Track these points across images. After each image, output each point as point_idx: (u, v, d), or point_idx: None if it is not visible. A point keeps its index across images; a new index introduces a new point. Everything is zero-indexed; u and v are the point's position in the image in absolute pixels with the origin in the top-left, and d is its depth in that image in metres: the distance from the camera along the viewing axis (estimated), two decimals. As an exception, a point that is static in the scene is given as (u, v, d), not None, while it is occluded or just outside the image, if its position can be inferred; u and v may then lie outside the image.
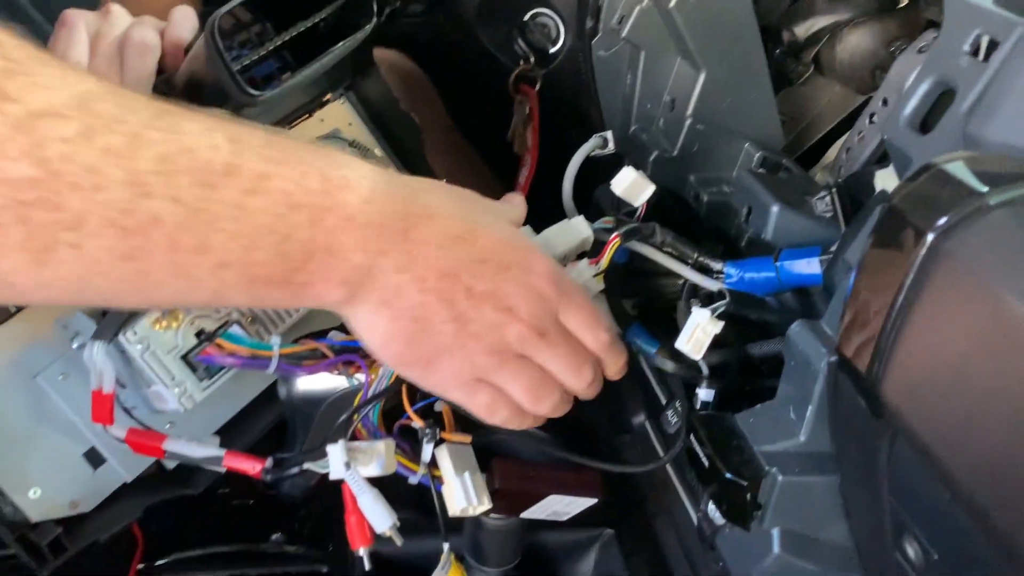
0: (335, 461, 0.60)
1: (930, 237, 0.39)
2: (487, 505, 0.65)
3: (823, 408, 0.54)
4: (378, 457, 0.60)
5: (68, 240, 0.39)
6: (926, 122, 0.50)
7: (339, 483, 0.62)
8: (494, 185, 1.16)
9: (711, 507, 0.62)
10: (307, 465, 0.62)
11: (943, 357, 0.38)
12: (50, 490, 0.64)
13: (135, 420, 0.66)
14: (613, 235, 0.65)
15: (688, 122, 0.78)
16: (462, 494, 0.63)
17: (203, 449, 0.64)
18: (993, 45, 0.44)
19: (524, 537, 0.78)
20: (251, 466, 0.63)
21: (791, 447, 0.59)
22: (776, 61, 0.85)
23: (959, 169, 0.40)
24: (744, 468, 0.58)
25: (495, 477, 0.67)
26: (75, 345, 0.66)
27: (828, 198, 0.61)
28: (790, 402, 0.60)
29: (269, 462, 0.63)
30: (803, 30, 0.84)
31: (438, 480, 0.65)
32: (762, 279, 0.64)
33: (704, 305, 0.63)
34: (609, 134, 0.74)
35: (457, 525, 0.77)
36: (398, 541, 0.62)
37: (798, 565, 0.60)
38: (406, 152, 0.70)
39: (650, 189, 0.68)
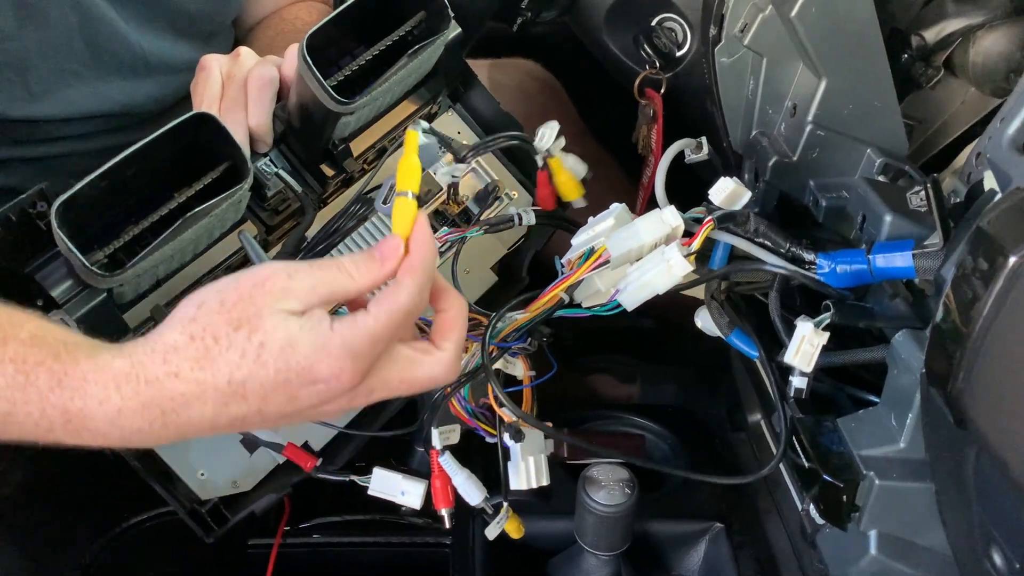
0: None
1: (1012, 260, 0.40)
2: (546, 483, 0.72)
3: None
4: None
5: None
6: (1030, 141, 0.50)
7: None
8: (627, 186, 1.19)
9: (811, 507, 0.64)
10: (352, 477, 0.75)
11: (1021, 378, 0.40)
12: (214, 472, 0.73)
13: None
14: (707, 219, 0.66)
15: (809, 128, 0.78)
16: (524, 477, 0.71)
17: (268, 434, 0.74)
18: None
19: (635, 525, 0.81)
20: (306, 462, 0.74)
21: (891, 452, 0.60)
22: (904, 65, 0.84)
23: (1048, 193, 0.41)
24: (843, 471, 0.60)
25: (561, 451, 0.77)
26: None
27: (922, 192, 0.60)
28: (892, 408, 0.61)
29: (319, 462, 0.74)
30: (933, 34, 0.83)
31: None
32: (853, 272, 0.63)
33: (804, 309, 0.64)
34: (704, 139, 0.75)
35: (569, 509, 0.82)
36: (489, 511, 0.72)
37: (895, 568, 0.61)
38: (513, 151, 0.75)
39: (746, 196, 0.69)
